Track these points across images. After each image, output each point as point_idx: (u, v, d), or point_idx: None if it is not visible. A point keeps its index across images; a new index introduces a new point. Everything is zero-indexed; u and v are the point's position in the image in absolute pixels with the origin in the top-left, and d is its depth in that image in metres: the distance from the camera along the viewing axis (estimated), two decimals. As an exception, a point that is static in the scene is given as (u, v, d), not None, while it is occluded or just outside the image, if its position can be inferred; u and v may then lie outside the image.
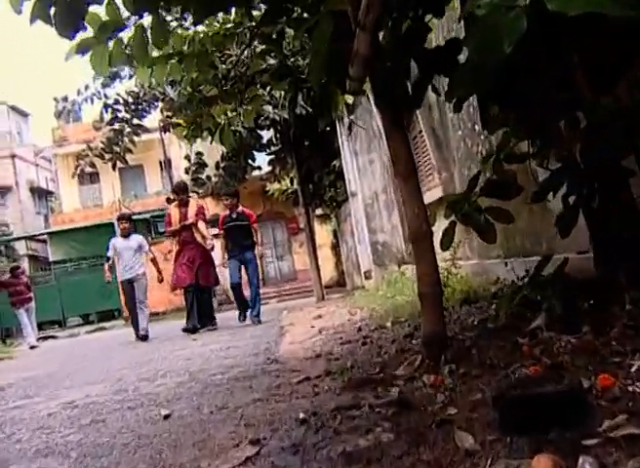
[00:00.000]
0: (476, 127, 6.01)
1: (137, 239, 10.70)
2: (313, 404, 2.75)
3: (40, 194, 38.54)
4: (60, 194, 34.75)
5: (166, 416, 3.14)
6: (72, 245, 27.85)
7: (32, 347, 14.01)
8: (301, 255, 24.60)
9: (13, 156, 36.44)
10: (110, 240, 10.84)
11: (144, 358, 6.22)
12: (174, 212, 10.39)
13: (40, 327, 20.19)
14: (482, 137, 5.87)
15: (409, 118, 8.68)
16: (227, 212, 10.26)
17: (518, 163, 3.31)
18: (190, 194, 11.26)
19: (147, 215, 26.06)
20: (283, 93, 14.03)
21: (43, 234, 31.38)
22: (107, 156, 15.03)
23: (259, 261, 10.71)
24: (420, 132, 8.46)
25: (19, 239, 31.55)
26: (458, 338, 3.37)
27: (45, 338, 18.30)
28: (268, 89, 14.23)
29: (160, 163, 31.30)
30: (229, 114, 5.89)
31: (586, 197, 2.94)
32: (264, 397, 3.17)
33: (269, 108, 13.81)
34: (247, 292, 10.23)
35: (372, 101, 9.26)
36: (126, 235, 10.51)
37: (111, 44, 3.64)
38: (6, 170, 35.92)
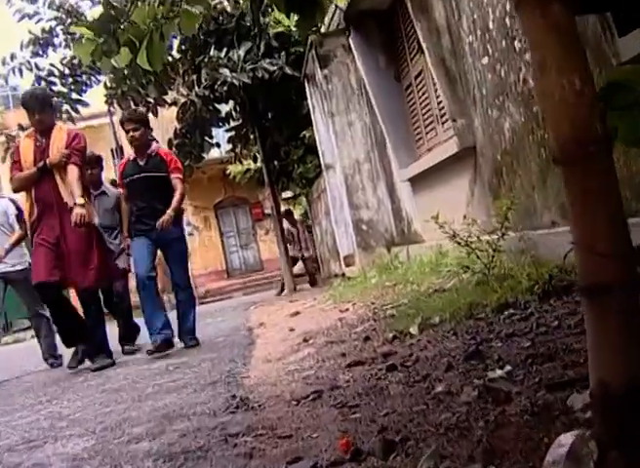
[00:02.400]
0: (516, 44, 4.25)
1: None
2: None
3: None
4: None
5: None
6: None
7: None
8: (268, 243, 22.76)
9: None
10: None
11: (36, 401, 4.31)
12: (25, 145, 5.56)
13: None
14: (527, 57, 4.11)
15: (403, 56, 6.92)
16: (131, 154, 5.95)
17: None
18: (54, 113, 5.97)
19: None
20: (242, 54, 12.19)
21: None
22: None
23: (188, 242, 7.00)
24: (420, 73, 6.67)
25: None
26: None
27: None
28: (225, 51, 12.41)
29: (112, 151, 29.09)
30: (159, 19, 4.01)
31: None
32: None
33: (226, 72, 11.91)
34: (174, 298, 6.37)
35: (352, 46, 7.47)
36: None
37: None
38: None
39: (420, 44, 6.09)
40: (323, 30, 9.22)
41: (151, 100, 13.23)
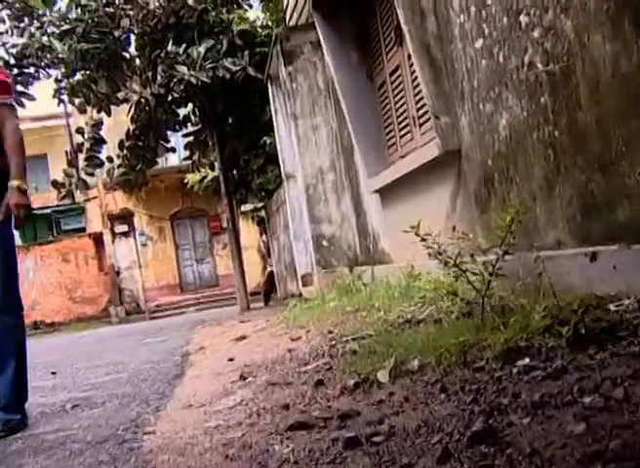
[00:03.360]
0: (522, 19, 3.42)
1: None
2: None
3: None
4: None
5: None
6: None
7: None
8: (224, 258, 21.71)
9: None
10: None
11: None
12: None
13: None
14: (537, 35, 3.28)
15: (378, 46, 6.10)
16: None
17: None
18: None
19: (48, 211, 22.63)
20: (202, 51, 11.26)
21: None
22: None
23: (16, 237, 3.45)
24: (397, 70, 5.84)
25: None
26: None
27: None
28: (184, 47, 11.48)
29: (66, 153, 27.83)
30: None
31: None
32: None
33: (184, 69, 10.98)
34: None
35: (321, 38, 6.62)
36: None
37: None
38: None
39: (399, 33, 5.26)
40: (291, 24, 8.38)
41: (103, 98, 12.23)
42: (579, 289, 2.93)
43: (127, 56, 12.47)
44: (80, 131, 12.02)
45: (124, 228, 21.81)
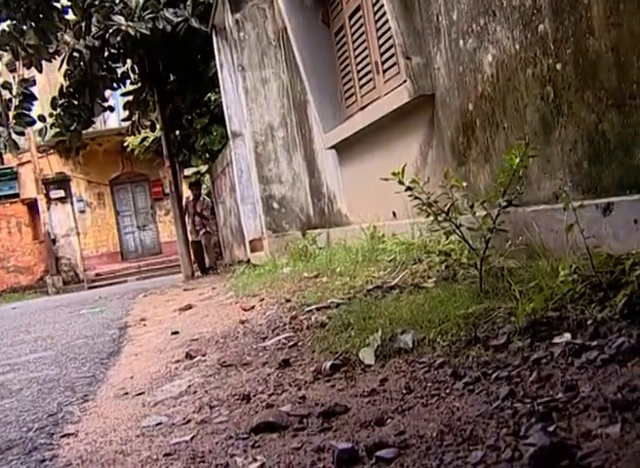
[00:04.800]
0: None
1: None
2: None
3: None
4: None
5: None
6: None
7: None
8: (167, 225, 20.90)
9: None
10: None
11: None
12: None
13: None
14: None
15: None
16: None
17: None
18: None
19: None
20: (141, 1, 10.43)
21: None
22: None
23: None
24: (357, 11, 5.28)
25: None
26: None
27: None
28: (120, -6, 10.60)
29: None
30: None
31: None
32: None
33: (121, 19, 10.14)
34: None
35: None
36: None
37: None
38: None
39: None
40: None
41: (32, 52, 11.26)
42: (584, 248, 2.47)
43: (58, 5, 11.50)
44: (7, 86, 11.04)
45: (60, 194, 20.70)
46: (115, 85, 12.95)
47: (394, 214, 4.88)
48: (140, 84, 13.07)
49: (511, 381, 1.41)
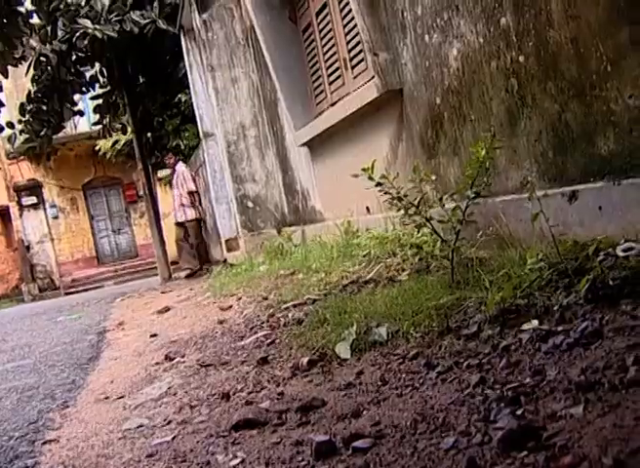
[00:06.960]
0: None
1: None
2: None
3: None
4: None
5: None
6: None
7: None
8: (143, 227, 20.77)
9: None
10: None
11: None
12: None
13: None
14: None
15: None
16: None
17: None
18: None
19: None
20: (107, 3, 10.36)
21: None
22: None
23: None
24: (324, 8, 5.31)
25: None
26: None
27: None
28: (85, -1, 10.52)
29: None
30: None
31: None
32: None
33: (87, 22, 10.07)
34: None
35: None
36: None
37: None
38: None
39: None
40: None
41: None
42: (549, 235, 2.53)
43: (22, 9, 11.38)
44: (-27, 92, 10.91)
45: (32, 200, 20.50)
46: (84, 89, 12.84)
47: (368, 208, 4.92)
48: (109, 87, 12.98)
49: (482, 369, 1.46)
